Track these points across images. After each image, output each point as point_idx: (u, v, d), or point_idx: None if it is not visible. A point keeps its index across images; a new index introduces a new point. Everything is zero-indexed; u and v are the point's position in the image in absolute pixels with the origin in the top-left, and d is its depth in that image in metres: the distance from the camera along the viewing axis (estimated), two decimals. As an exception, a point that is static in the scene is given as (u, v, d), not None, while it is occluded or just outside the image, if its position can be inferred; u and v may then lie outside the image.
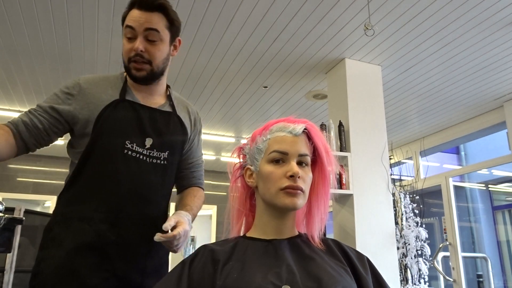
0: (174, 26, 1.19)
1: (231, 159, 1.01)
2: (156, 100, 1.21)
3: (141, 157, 1.11)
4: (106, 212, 1.05)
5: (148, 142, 1.12)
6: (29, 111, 1.11)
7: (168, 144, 1.17)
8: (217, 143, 5.25)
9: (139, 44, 1.09)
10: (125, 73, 1.20)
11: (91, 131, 1.09)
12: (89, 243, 1.02)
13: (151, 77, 1.15)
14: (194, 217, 1.21)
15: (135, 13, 1.10)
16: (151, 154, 1.13)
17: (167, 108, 1.22)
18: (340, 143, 2.88)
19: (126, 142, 1.10)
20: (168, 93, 1.27)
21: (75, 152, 1.14)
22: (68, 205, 1.08)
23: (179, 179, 1.29)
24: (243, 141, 1.01)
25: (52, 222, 1.09)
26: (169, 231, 0.98)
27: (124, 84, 1.17)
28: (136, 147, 1.10)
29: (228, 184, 1.01)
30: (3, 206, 1.76)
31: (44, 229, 1.10)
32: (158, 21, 1.12)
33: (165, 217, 1.16)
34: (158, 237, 0.96)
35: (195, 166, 1.32)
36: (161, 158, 1.15)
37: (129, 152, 1.09)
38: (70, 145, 1.17)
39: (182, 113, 1.25)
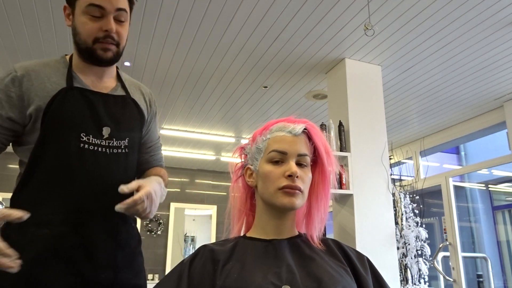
0: (133, 5, 1.14)
1: (232, 159, 1.01)
2: (107, 83, 1.10)
3: (99, 149, 1.01)
4: (65, 213, 0.97)
5: (106, 131, 1.03)
6: None
7: (127, 131, 1.08)
8: (217, 143, 5.25)
9: (113, 24, 1.02)
10: (67, 56, 1.10)
11: (39, 126, 0.99)
12: (50, 250, 0.94)
13: (116, 59, 1.07)
14: (166, 183, 1.15)
15: None
16: (110, 144, 1.04)
17: (120, 92, 1.12)
18: (340, 143, 2.88)
19: (81, 134, 1.00)
20: (117, 74, 1.16)
21: (24, 149, 1.04)
22: (22, 208, 0.88)
23: (139, 164, 1.18)
24: (244, 141, 1.01)
25: (7, 228, 0.95)
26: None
27: (69, 69, 1.05)
28: (93, 139, 1.01)
29: (228, 184, 1.01)
30: (3, 206, 1.76)
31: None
32: (124, 1, 1.07)
33: None
34: (118, 207, 0.90)
35: (154, 149, 1.25)
36: (122, 147, 1.06)
37: (86, 146, 1.00)
38: (15, 142, 1.07)
39: (136, 95, 1.16)
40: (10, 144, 1.09)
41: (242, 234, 0.95)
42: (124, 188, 0.93)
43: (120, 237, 1.01)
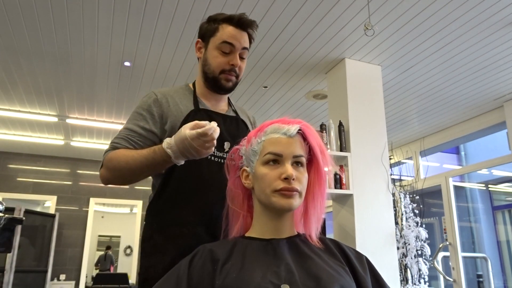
0: (251, 44, 1.32)
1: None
2: (222, 107, 1.31)
3: (221, 160, 1.17)
4: (200, 216, 1.11)
5: (227, 146, 1.20)
6: (127, 137, 1.16)
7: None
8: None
9: (238, 60, 1.23)
10: (190, 85, 1.32)
11: None
12: (190, 247, 1.03)
13: (233, 88, 1.27)
14: None
15: (233, 31, 1.22)
16: None
17: (232, 114, 1.32)
18: (340, 143, 2.88)
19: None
20: (228, 100, 1.38)
21: None
22: (163, 213, 1.14)
23: None
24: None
25: (149, 231, 1.14)
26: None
27: (194, 95, 1.27)
28: (217, 152, 1.17)
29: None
30: (3, 206, 1.76)
31: (143, 238, 1.16)
32: (247, 40, 1.27)
33: None
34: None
35: None
36: None
37: (212, 158, 1.16)
38: None
39: (243, 117, 1.36)
40: None
41: (240, 235, 0.95)
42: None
43: None
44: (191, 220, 1.10)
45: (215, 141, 0.98)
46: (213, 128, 0.96)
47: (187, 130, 0.96)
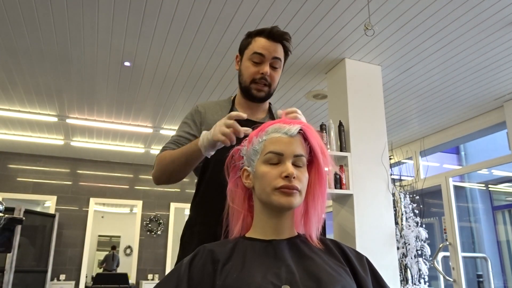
0: (287, 56, 1.37)
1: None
2: (258, 115, 1.40)
3: None
4: (218, 216, 1.15)
5: None
6: (175, 141, 1.32)
7: None
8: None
9: (268, 69, 1.29)
10: (232, 97, 1.42)
11: None
12: (207, 242, 1.11)
13: (267, 97, 1.36)
14: None
15: (264, 42, 1.29)
16: None
17: (267, 120, 1.37)
18: (340, 143, 2.88)
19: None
20: (269, 108, 1.45)
21: (198, 166, 1.32)
22: (193, 212, 1.30)
23: None
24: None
25: (184, 228, 1.31)
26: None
27: (232, 105, 1.38)
28: None
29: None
30: (3, 206, 1.76)
31: (182, 234, 1.31)
32: (281, 51, 1.32)
33: None
34: (280, 112, 1.07)
35: None
36: None
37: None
38: None
39: None
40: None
41: (241, 235, 0.95)
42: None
43: None
44: (210, 220, 1.19)
45: (228, 135, 1.04)
46: (241, 115, 1.08)
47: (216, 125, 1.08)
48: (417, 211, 3.36)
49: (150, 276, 6.26)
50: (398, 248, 3.13)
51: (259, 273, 0.79)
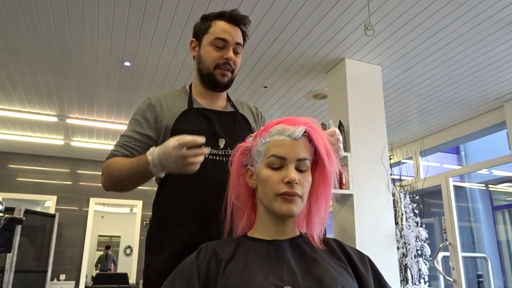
0: (245, 41, 1.32)
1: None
2: (219, 104, 1.31)
3: (217, 158, 1.18)
4: (194, 214, 1.12)
5: (221, 142, 1.20)
6: (124, 144, 1.20)
7: (239, 141, 1.19)
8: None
9: (231, 53, 1.23)
10: (187, 87, 1.33)
11: None
12: (183, 245, 1.08)
13: (229, 84, 1.28)
14: None
15: (225, 26, 1.24)
16: (226, 153, 1.19)
17: (230, 109, 1.32)
18: (340, 143, 2.88)
19: (202, 146, 1.14)
20: (227, 97, 1.37)
21: None
22: (161, 212, 1.18)
23: None
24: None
25: (151, 230, 1.20)
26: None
27: (190, 95, 1.28)
28: (212, 150, 1.17)
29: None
30: (3, 206, 1.76)
31: (146, 237, 1.20)
32: (241, 36, 1.27)
33: None
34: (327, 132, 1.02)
35: None
36: None
37: (206, 156, 1.13)
38: None
39: (244, 111, 1.35)
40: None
41: (243, 233, 0.95)
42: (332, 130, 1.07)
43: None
44: (186, 220, 1.12)
45: (197, 164, 0.98)
46: (197, 139, 0.96)
47: (172, 139, 0.97)
48: (417, 211, 3.36)
49: (150, 276, 6.25)
50: (398, 248, 3.13)
51: (261, 274, 0.79)
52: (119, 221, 8.12)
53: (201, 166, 1.08)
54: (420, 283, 3.17)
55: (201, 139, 0.97)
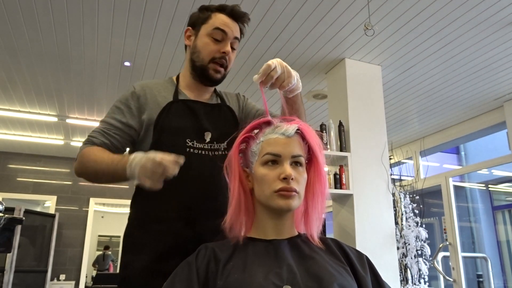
0: (241, 39, 1.28)
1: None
2: (206, 97, 1.26)
3: (203, 152, 1.13)
4: (179, 211, 1.07)
5: (207, 136, 1.16)
6: (103, 131, 1.14)
7: (225, 134, 1.18)
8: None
9: (229, 47, 1.18)
10: (174, 78, 1.26)
11: (151, 134, 1.13)
12: (168, 243, 1.05)
13: (221, 80, 1.22)
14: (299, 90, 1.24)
15: (226, 19, 1.19)
16: (212, 147, 1.15)
17: (216, 101, 1.27)
18: (340, 143, 2.88)
19: (187, 140, 1.12)
20: (214, 89, 1.32)
21: (140, 147, 1.18)
22: (142, 210, 1.12)
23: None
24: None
25: (130, 227, 1.13)
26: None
27: (176, 87, 1.22)
28: (197, 144, 1.13)
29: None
30: (3, 206, 1.76)
31: (124, 234, 1.13)
32: (239, 32, 1.23)
33: None
34: (256, 77, 1.01)
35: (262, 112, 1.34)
36: (221, 149, 1.17)
37: (191, 150, 1.11)
38: (132, 151, 1.18)
39: (231, 102, 1.30)
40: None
41: (242, 234, 0.95)
42: (256, 77, 1.04)
43: (222, 235, 1.05)
44: (170, 217, 1.07)
45: (160, 180, 0.92)
46: (172, 160, 0.91)
47: (156, 155, 0.91)
48: (417, 211, 3.36)
49: (150, 276, 6.25)
50: (398, 248, 3.13)
51: (261, 273, 0.79)
52: (119, 221, 8.10)
53: (186, 160, 1.01)
54: (420, 283, 3.17)
55: (181, 160, 0.92)
